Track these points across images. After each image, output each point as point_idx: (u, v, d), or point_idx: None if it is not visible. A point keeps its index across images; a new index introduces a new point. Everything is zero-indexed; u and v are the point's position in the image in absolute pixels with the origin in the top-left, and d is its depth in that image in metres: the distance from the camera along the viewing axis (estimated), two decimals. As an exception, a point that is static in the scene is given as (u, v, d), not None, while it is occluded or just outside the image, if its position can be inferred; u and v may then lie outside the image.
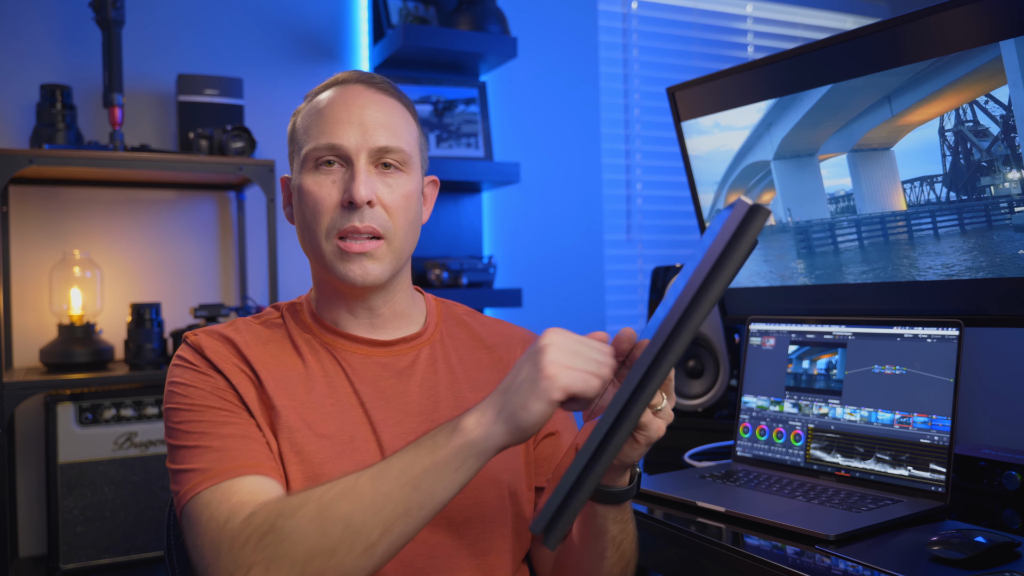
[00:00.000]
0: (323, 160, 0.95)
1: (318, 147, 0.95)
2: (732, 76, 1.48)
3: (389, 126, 0.97)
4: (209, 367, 0.93)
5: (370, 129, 0.95)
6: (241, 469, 0.85)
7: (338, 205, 0.94)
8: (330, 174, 0.95)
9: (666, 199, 2.88)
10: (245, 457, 0.86)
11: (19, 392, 1.74)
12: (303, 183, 0.96)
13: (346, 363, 0.98)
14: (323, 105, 0.97)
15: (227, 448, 0.87)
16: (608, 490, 0.89)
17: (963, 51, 1.17)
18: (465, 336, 1.07)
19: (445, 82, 2.44)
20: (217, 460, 0.85)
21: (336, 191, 0.94)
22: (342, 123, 0.95)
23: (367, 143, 0.94)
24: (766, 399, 1.39)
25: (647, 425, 0.81)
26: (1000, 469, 1.25)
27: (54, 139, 1.89)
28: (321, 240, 0.95)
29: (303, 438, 0.91)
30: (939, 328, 1.21)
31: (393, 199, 0.96)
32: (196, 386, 0.91)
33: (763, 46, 3.07)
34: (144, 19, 2.16)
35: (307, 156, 0.96)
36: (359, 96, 0.97)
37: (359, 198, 0.92)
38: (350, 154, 0.94)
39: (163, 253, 2.19)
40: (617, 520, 0.93)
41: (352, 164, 0.94)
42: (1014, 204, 1.18)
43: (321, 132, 0.95)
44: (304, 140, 0.97)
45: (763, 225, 0.71)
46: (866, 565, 0.95)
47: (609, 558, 0.95)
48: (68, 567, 1.78)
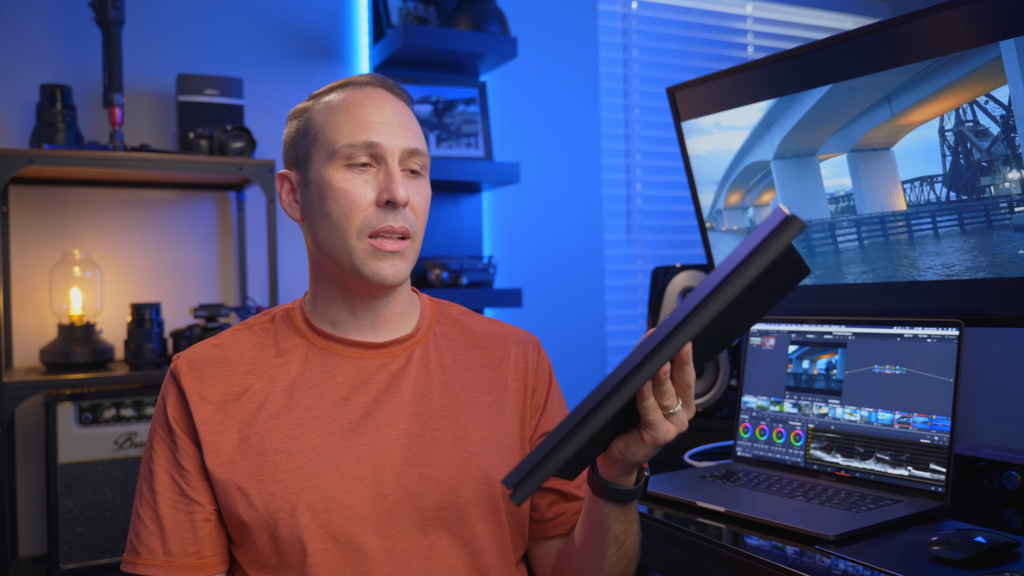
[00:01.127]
0: (357, 159, 0.95)
1: (354, 144, 0.94)
2: (732, 76, 1.48)
3: (414, 130, 0.99)
4: (181, 410, 0.96)
5: (400, 131, 0.96)
6: (173, 569, 0.93)
7: (372, 204, 0.94)
8: (363, 173, 0.95)
9: (666, 199, 2.88)
10: (181, 555, 0.93)
11: (19, 392, 1.74)
12: (332, 180, 0.95)
13: (337, 368, 0.98)
14: (350, 104, 0.97)
15: (168, 537, 0.93)
16: (613, 488, 0.89)
17: (963, 51, 1.17)
18: (459, 336, 1.07)
19: (445, 82, 2.44)
20: (154, 547, 0.93)
21: (371, 190, 0.95)
22: (375, 123, 0.95)
23: (401, 144, 0.96)
24: (766, 399, 1.39)
25: (655, 425, 0.81)
26: (1000, 469, 1.25)
27: (54, 139, 1.89)
28: (351, 238, 0.94)
29: (286, 458, 0.93)
30: (939, 328, 1.21)
31: (419, 201, 0.98)
32: (164, 440, 0.96)
33: (763, 46, 3.07)
34: (144, 19, 2.16)
35: (338, 152, 0.95)
36: (385, 99, 0.98)
37: (401, 198, 0.93)
38: (385, 154, 0.95)
39: (163, 253, 2.19)
40: (620, 519, 0.93)
41: (386, 164, 0.95)
42: (1014, 204, 1.18)
43: (354, 130, 0.95)
44: (332, 136, 0.96)
45: (793, 235, 0.71)
46: (866, 565, 0.95)
47: (611, 556, 0.95)
48: (68, 567, 1.78)
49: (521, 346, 1.08)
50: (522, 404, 1.05)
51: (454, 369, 1.03)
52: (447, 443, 0.97)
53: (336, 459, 0.93)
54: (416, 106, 2.40)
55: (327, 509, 0.91)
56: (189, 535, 0.93)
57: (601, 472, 0.90)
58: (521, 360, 1.07)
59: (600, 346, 2.74)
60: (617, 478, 0.89)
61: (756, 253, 0.71)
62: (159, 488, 0.95)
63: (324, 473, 0.92)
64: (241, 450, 0.93)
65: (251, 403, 0.95)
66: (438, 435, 0.97)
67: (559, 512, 1.06)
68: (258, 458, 0.93)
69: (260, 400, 0.96)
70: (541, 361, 1.09)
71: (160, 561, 0.93)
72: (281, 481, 0.92)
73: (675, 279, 1.87)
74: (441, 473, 0.95)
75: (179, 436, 0.95)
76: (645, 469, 0.93)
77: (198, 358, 0.99)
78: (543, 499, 1.06)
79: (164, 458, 0.96)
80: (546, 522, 1.06)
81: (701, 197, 1.62)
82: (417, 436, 0.96)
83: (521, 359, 1.07)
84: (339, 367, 0.98)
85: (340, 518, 0.91)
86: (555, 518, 1.06)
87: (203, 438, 0.94)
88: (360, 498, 0.92)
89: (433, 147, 2.38)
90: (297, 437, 0.94)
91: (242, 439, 0.93)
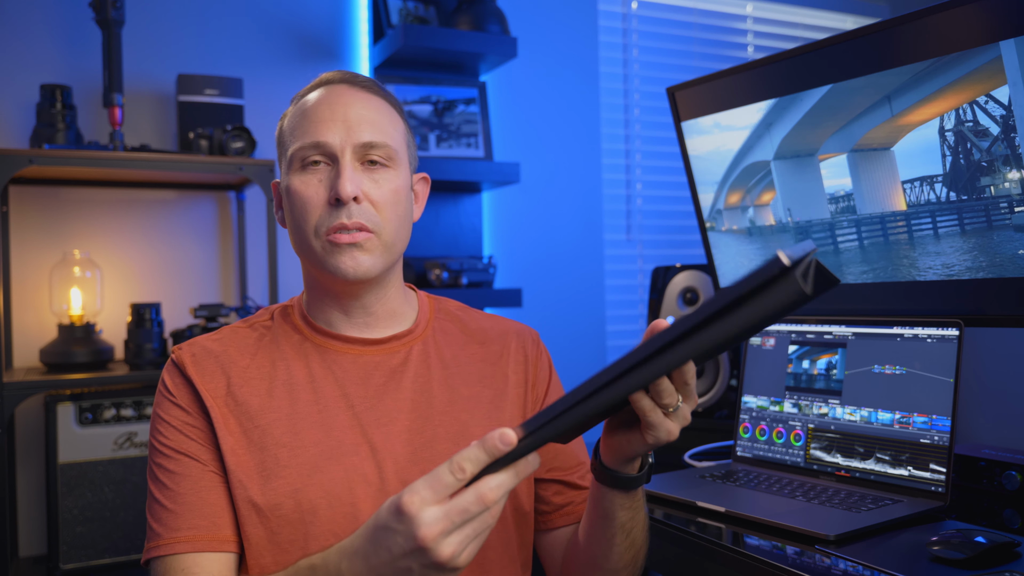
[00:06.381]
0: (309, 160, 0.95)
1: (303, 146, 0.95)
2: (732, 76, 1.48)
3: (373, 122, 0.97)
4: (187, 391, 0.95)
5: (354, 126, 0.95)
6: (198, 542, 0.90)
7: (325, 203, 0.94)
8: (316, 173, 0.95)
9: (666, 199, 2.88)
10: (206, 528, 0.90)
11: (19, 392, 1.74)
12: (290, 183, 0.96)
13: (336, 365, 0.98)
14: (308, 106, 0.98)
15: (188, 512, 0.91)
16: (616, 475, 0.89)
17: (963, 51, 1.17)
18: (458, 331, 1.07)
19: (445, 82, 2.44)
20: (175, 525, 0.90)
21: (323, 189, 0.95)
22: (326, 121, 0.95)
23: (351, 139, 0.95)
24: (766, 399, 1.39)
25: (656, 426, 0.79)
26: (1000, 469, 1.25)
27: (54, 139, 1.89)
28: (311, 238, 0.95)
29: (289, 453, 0.92)
30: (939, 328, 1.21)
31: (380, 194, 0.96)
32: (171, 423, 0.95)
33: (763, 46, 3.07)
34: (144, 19, 2.16)
35: (293, 156, 0.96)
36: (343, 95, 0.98)
37: (345, 194, 0.92)
38: (335, 151, 0.94)
39: (163, 253, 2.19)
40: (626, 506, 0.92)
41: (338, 162, 0.95)
42: (1014, 204, 1.18)
43: (305, 132, 0.96)
44: (290, 141, 0.98)
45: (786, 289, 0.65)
46: (866, 565, 0.95)
47: (618, 545, 0.94)
48: (68, 567, 1.78)
49: (521, 340, 1.08)
50: (523, 398, 1.05)
51: (454, 364, 1.03)
52: (449, 439, 0.97)
53: (339, 455, 0.93)
54: (416, 106, 2.42)
55: (331, 506, 0.91)
56: (219, 506, 0.92)
57: (604, 460, 0.89)
58: (521, 354, 1.07)
59: (600, 346, 2.74)
60: (620, 466, 0.88)
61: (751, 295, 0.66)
62: (176, 468, 0.92)
63: (327, 469, 0.92)
64: (244, 444, 0.93)
65: (252, 398, 0.95)
66: (440, 431, 0.97)
67: (565, 501, 1.06)
68: (260, 453, 0.93)
69: (261, 395, 0.96)
70: (541, 354, 1.09)
71: (189, 536, 0.90)
72: (284, 476, 0.91)
73: (675, 279, 1.87)
74: None
75: (192, 415, 0.94)
76: (649, 455, 0.91)
77: (199, 352, 0.98)
78: (548, 489, 1.06)
79: (177, 439, 0.94)
80: (552, 512, 1.06)
81: (701, 197, 1.62)
82: (419, 432, 0.96)
83: (521, 353, 1.07)
84: (338, 363, 0.98)
85: (343, 515, 0.91)
86: (561, 507, 1.06)
87: (215, 422, 0.93)
88: (363, 495, 0.92)
89: (433, 147, 2.38)
90: (299, 432, 0.94)
91: (243, 433, 0.93)
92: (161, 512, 0.92)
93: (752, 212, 1.55)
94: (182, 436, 0.94)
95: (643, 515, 0.96)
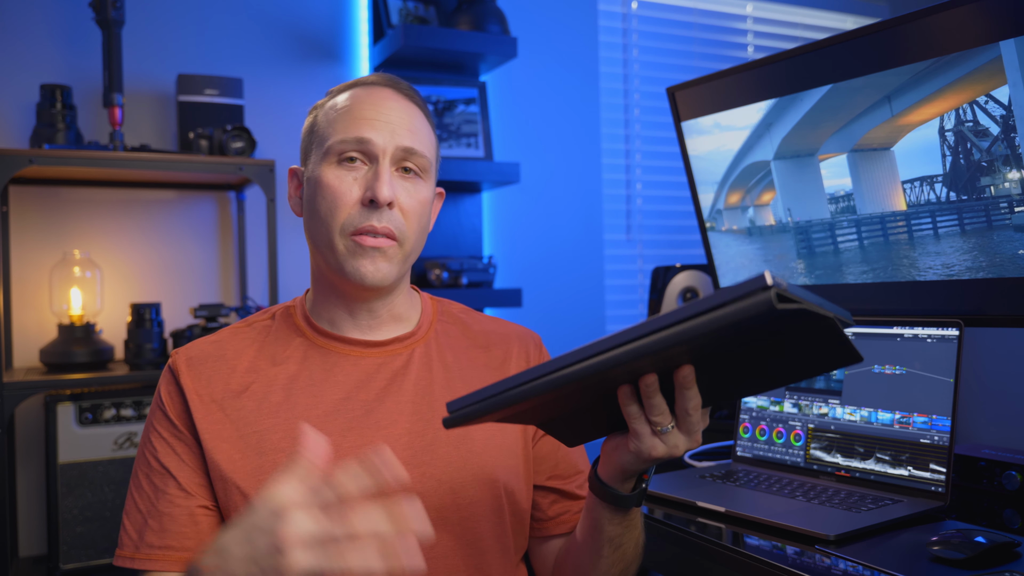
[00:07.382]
0: (347, 155, 0.95)
1: (345, 140, 0.94)
2: (732, 76, 1.48)
3: (415, 130, 0.97)
4: (179, 402, 0.96)
5: (397, 130, 0.95)
6: (167, 562, 0.91)
7: (358, 202, 0.94)
8: (352, 170, 0.95)
9: (666, 199, 2.89)
10: (175, 550, 0.91)
11: (19, 392, 1.74)
12: (322, 175, 0.95)
13: (338, 367, 0.98)
14: (350, 102, 0.97)
15: (161, 530, 0.92)
16: (607, 489, 0.89)
17: (963, 51, 1.17)
18: (460, 335, 1.07)
19: (445, 82, 2.44)
20: (149, 541, 0.92)
21: (358, 188, 0.94)
22: (370, 120, 0.95)
23: (394, 142, 0.95)
24: (766, 399, 1.39)
25: (639, 436, 0.79)
26: (1000, 469, 1.25)
27: (54, 139, 1.89)
28: (335, 235, 0.94)
29: (287, 458, 0.92)
30: (939, 328, 1.21)
31: (411, 203, 0.96)
32: (161, 435, 0.96)
33: (763, 46, 3.07)
34: (144, 19, 2.16)
35: (330, 149, 0.95)
36: (388, 98, 0.98)
37: (382, 197, 0.92)
38: (376, 151, 0.94)
39: (163, 253, 2.19)
40: (615, 522, 0.92)
41: (377, 162, 0.94)
42: (1014, 204, 1.18)
43: (348, 127, 0.95)
44: (328, 133, 0.96)
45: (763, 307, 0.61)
46: (866, 565, 0.95)
47: (606, 558, 0.94)
48: (68, 567, 1.78)
49: (523, 344, 1.08)
50: None
51: (456, 368, 1.03)
52: (450, 443, 0.97)
53: (337, 459, 0.93)
54: (416, 106, 2.42)
55: None
56: (189, 529, 0.93)
57: (600, 472, 0.90)
58: (523, 359, 1.07)
59: (600, 346, 2.73)
60: (613, 481, 0.88)
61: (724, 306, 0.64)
62: (158, 482, 0.94)
63: None
64: (240, 449, 0.93)
65: (250, 401, 0.95)
66: (440, 435, 0.97)
67: (561, 511, 1.06)
68: (258, 458, 0.92)
69: (259, 398, 0.95)
70: (543, 359, 1.09)
71: (157, 555, 0.92)
72: None
73: (675, 279, 1.87)
74: (443, 473, 0.95)
75: (180, 431, 0.95)
76: (645, 481, 0.90)
77: (196, 355, 0.98)
78: (545, 497, 1.06)
79: (163, 453, 0.95)
80: (548, 521, 1.06)
81: (701, 197, 1.62)
82: (419, 436, 0.96)
83: (523, 358, 1.07)
84: (339, 366, 0.98)
85: None
86: (556, 517, 1.06)
87: (202, 436, 0.93)
88: None
89: (433, 147, 2.38)
90: (297, 436, 0.93)
91: (240, 437, 0.93)
92: (137, 518, 0.94)
93: (752, 212, 1.55)
94: (168, 450, 0.94)
95: (637, 533, 0.96)
